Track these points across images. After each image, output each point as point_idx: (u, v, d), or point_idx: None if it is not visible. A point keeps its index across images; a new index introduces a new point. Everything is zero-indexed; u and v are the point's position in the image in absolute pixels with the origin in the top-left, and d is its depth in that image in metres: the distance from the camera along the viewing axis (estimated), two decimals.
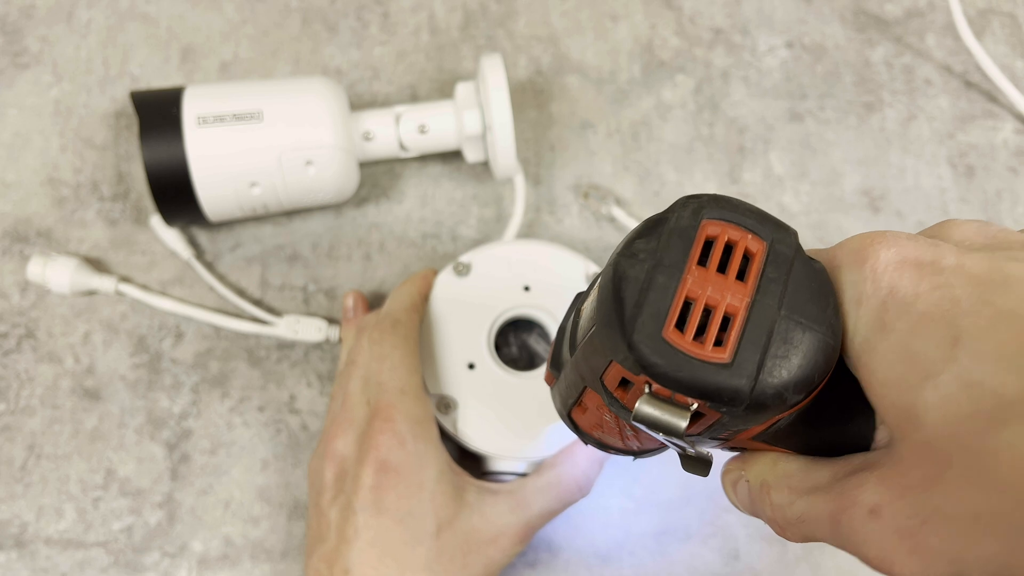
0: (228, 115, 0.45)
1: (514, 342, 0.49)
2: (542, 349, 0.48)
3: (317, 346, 0.50)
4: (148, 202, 0.53)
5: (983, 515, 0.21)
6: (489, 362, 0.44)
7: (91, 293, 0.50)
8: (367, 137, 0.49)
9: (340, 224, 0.53)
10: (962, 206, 0.53)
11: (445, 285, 0.45)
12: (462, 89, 0.49)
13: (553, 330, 0.43)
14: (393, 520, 0.36)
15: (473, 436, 0.42)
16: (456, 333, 0.44)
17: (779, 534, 0.28)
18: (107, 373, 0.49)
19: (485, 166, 0.53)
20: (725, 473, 0.31)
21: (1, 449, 0.48)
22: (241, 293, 0.51)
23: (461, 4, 0.58)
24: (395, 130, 0.49)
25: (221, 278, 0.51)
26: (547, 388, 0.35)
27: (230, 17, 0.57)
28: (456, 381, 0.43)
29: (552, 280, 0.45)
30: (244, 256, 0.52)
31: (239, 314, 0.50)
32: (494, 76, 0.46)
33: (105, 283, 0.50)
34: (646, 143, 0.55)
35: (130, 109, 0.54)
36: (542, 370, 0.43)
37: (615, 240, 0.52)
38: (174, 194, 0.46)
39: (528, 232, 0.52)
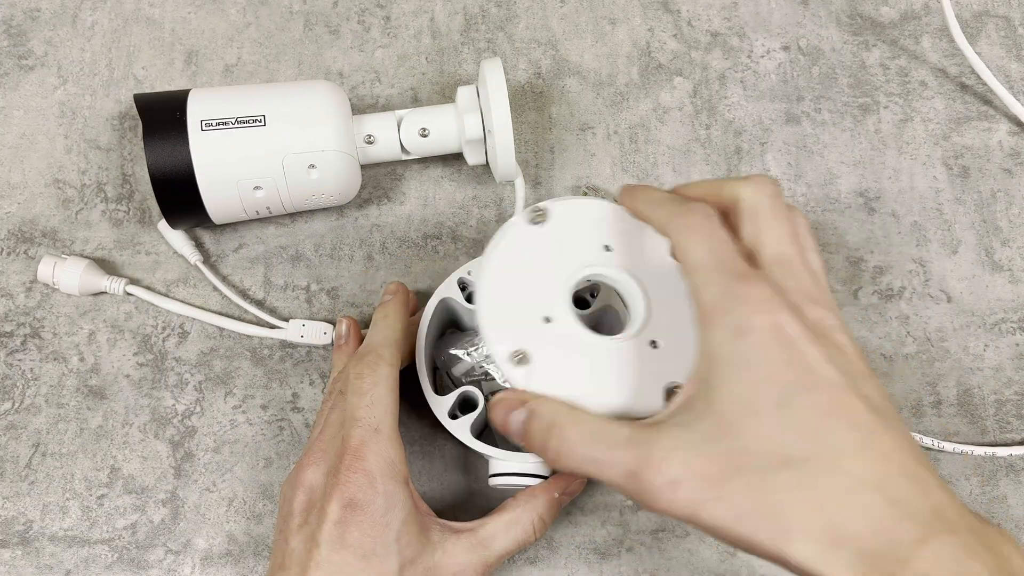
0: (231, 119, 0.46)
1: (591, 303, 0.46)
2: (616, 312, 0.45)
3: (320, 346, 0.50)
4: (152, 203, 0.53)
5: (754, 517, 0.29)
6: (568, 318, 0.39)
7: (99, 294, 0.51)
8: (369, 140, 0.49)
9: (342, 225, 0.53)
10: (957, 207, 0.54)
11: (518, 231, 0.40)
12: (463, 93, 0.50)
13: (632, 296, 0.40)
14: (355, 556, 0.36)
15: (548, 392, 0.37)
16: (531, 284, 0.39)
17: (551, 464, 0.34)
18: (112, 372, 0.50)
19: (486, 168, 0.54)
20: (499, 401, 0.36)
21: (6, 447, 0.48)
22: (244, 293, 0.52)
23: (462, 8, 0.59)
24: (396, 133, 0.50)
25: (227, 280, 0.52)
26: (626, 352, 0.38)
27: (234, 20, 0.58)
28: (531, 334, 0.38)
29: (635, 243, 0.40)
30: (247, 256, 0.52)
31: (244, 316, 0.51)
32: (494, 80, 0.47)
33: (114, 284, 0.50)
34: (644, 145, 0.55)
35: (134, 111, 0.55)
36: (624, 336, 0.39)
37: None
38: (178, 198, 0.46)
39: None
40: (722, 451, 0.30)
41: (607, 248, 0.40)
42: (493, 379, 0.45)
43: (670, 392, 0.37)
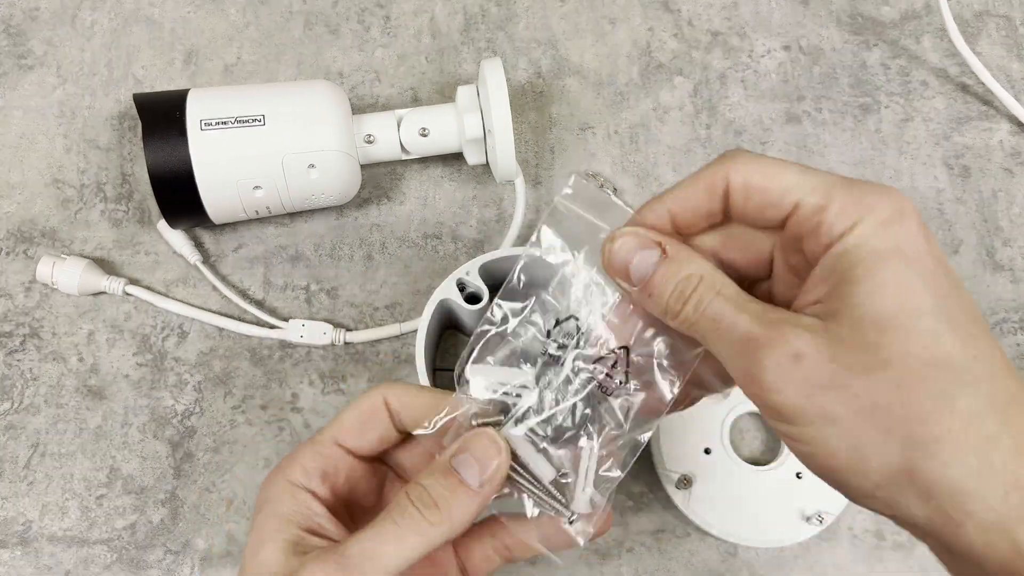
0: (231, 119, 0.46)
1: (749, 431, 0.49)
2: (769, 441, 0.49)
3: (320, 346, 0.50)
4: (152, 203, 0.53)
5: (886, 414, 0.24)
6: (724, 450, 0.46)
7: (99, 294, 0.51)
8: (369, 140, 0.49)
9: (342, 225, 0.53)
10: (958, 207, 0.54)
11: None
12: (463, 92, 0.50)
13: None
14: None
15: (704, 516, 0.45)
16: (696, 418, 0.47)
17: (666, 316, 0.29)
18: (111, 372, 0.50)
19: (486, 168, 0.54)
20: (625, 235, 0.30)
21: (5, 447, 0.48)
22: (244, 293, 0.51)
23: (462, 7, 0.59)
24: (396, 133, 0.50)
25: (226, 280, 0.52)
26: (774, 486, 0.45)
27: (233, 20, 0.58)
28: (693, 463, 0.46)
29: None
30: (247, 256, 0.52)
31: (244, 316, 0.51)
32: (494, 80, 0.47)
33: (113, 284, 0.50)
34: (644, 145, 0.55)
35: (134, 111, 0.55)
36: (775, 465, 0.46)
37: None
38: (178, 198, 0.46)
39: (529, 233, 0.53)
40: (861, 346, 0.25)
41: None
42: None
43: (814, 517, 0.44)
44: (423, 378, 0.44)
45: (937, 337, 0.25)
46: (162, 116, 0.46)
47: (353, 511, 0.33)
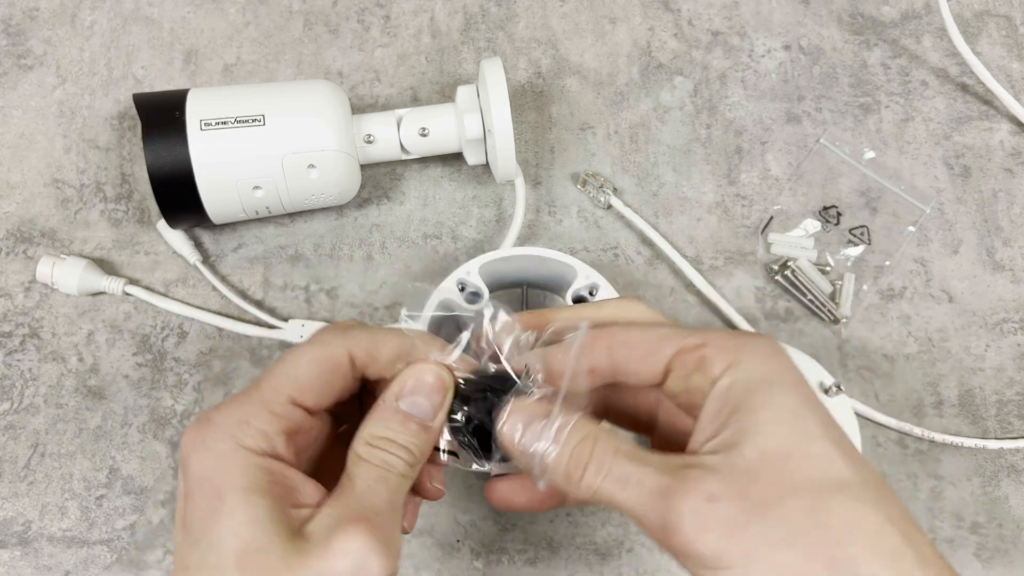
0: (231, 119, 0.46)
1: None
2: None
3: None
4: (151, 203, 0.53)
5: (806, 540, 0.25)
6: None
7: (98, 294, 0.51)
8: (369, 140, 0.49)
9: (342, 225, 0.53)
10: (958, 207, 0.54)
11: None
12: (463, 92, 0.50)
13: None
14: None
15: None
16: None
17: (568, 484, 0.28)
18: (111, 372, 0.50)
19: (485, 168, 0.54)
20: (517, 410, 0.29)
21: (5, 448, 0.48)
22: (243, 293, 0.51)
23: (462, 7, 0.58)
24: (396, 133, 0.50)
25: (226, 280, 0.52)
26: None
27: (233, 20, 0.58)
28: None
29: None
30: (247, 256, 0.52)
31: (243, 316, 0.51)
32: (494, 80, 0.47)
33: (113, 284, 0.50)
34: (644, 145, 0.55)
35: (133, 111, 0.55)
36: None
37: (613, 240, 0.53)
38: (178, 198, 0.46)
39: (529, 233, 0.53)
40: (768, 477, 0.26)
41: None
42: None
43: None
44: None
45: (832, 461, 0.26)
46: (162, 116, 0.46)
47: (314, 470, 0.30)
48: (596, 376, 0.30)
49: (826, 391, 0.46)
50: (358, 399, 0.33)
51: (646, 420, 0.33)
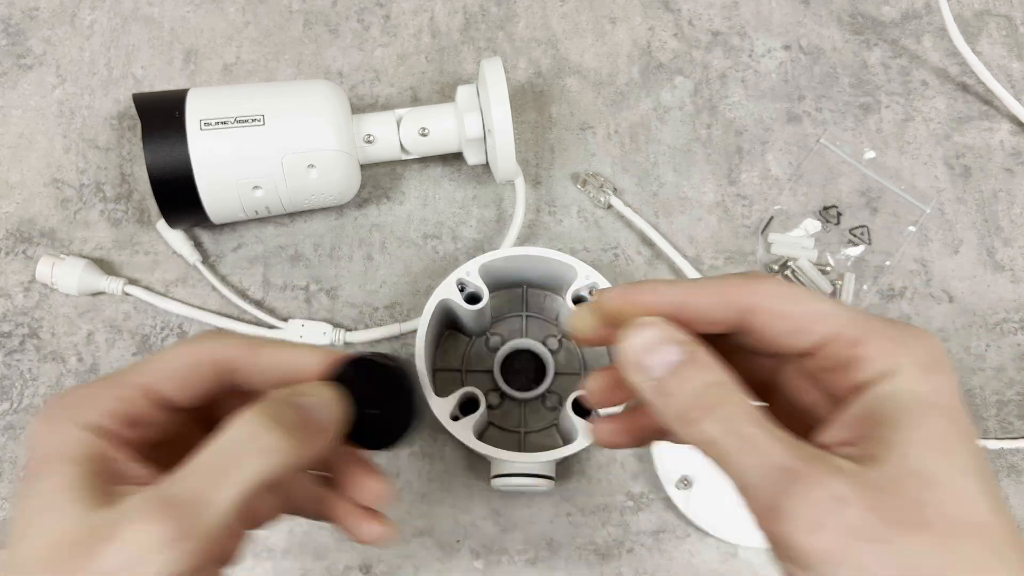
0: (230, 119, 0.46)
1: None
2: None
3: (320, 345, 0.50)
4: (151, 203, 0.53)
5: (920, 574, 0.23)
6: None
7: (98, 294, 0.51)
8: (368, 140, 0.49)
9: (342, 224, 0.53)
10: (958, 206, 0.54)
11: None
12: (463, 92, 0.50)
13: None
14: None
15: (705, 518, 0.45)
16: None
17: (677, 421, 0.26)
18: (110, 372, 0.49)
19: (485, 168, 0.54)
20: (642, 325, 0.27)
21: (4, 448, 0.48)
22: (243, 293, 0.51)
23: (462, 7, 0.58)
24: (396, 133, 0.49)
25: (226, 280, 0.52)
26: None
27: (233, 19, 0.58)
28: (693, 461, 0.45)
29: None
30: (247, 256, 0.52)
31: (243, 316, 0.51)
32: (494, 79, 0.47)
33: (112, 284, 0.50)
34: (645, 145, 0.55)
35: (133, 110, 0.55)
36: None
37: (613, 240, 0.53)
38: (177, 197, 0.46)
39: (529, 233, 0.53)
40: (903, 501, 0.24)
41: None
42: None
43: None
44: (423, 377, 0.44)
45: (977, 502, 0.24)
46: (161, 116, 0.46)
47: (171, 461, 0.27)
48: (713, 325, 0.28)
49: None
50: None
51: (759, 381, 0.30)
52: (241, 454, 0.26)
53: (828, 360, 0.27)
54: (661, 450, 0.46)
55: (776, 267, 0.51)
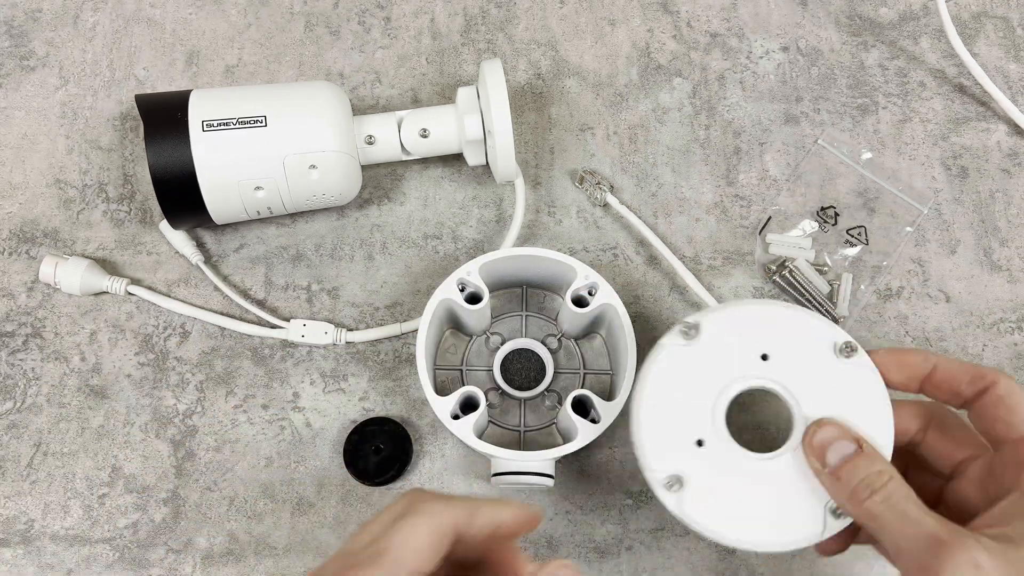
0: (233, 120, 0.46)
1: (748, 417, 0.46)
2: (775, 427, 0.46)
3: (321, 345, 0.50)
4: (154, 203, 0.53)
5: None
6: (720, 440, 0.38)
7: (101, 294, 0.51)
8: (369, 141, 0.49)
9: (343, 225, 0.53)
10: (956, 207, 0.54)
11: (671, 349, 0.40)
12: (463, 94, 0.50)
13: (795, 406, 0.39)
14: None
15: (701, 520, 0.38)
16: (683, 405, 0.39)
17: (848, 501, 0.35)
18: (113, 372, 0.50)
19: (486, 168, 0.54)
20: (824, 425, 0.36)
21: (8, 447, 0.48)
22: (245, 293, 0.52)
23: (462, 9, 0.59)
24: (397, 134, 0.50)
25: (228, 280, 0.52)
26: (784, 471, 0.38)
27: (234, 21, 0.58)
28: (683, 458, 0.39)
29: (795, 349, 0.39)
30: (248, 256, 0.52)
31: (245, 316, 0.51)
32: (494, 81, 0.47)
33: (115, 284, 0.50)
34: (644, 145, 0.55)
35: (136, 111, 0.55)
36: (783, 451, 0.38)
37: (613, 240, 0.53)
38: (180, 198, 0.46)
39: (528, 233, 0.53)
40: None
41: (764, 357, 0.39)
42: None
43: (834, 513, 0.37)
44: (423, 377, 0.44)
45: None
46: (164, 117, 0.46)
47: None
48: (957, 398, 0.38)
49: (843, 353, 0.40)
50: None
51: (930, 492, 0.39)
52: None
53: (981, 475, 0.36)
54: (643, 445, 0.39)
55: (774, 267, 0.52)
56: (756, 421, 0.48)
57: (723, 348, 0.39)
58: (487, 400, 0.45)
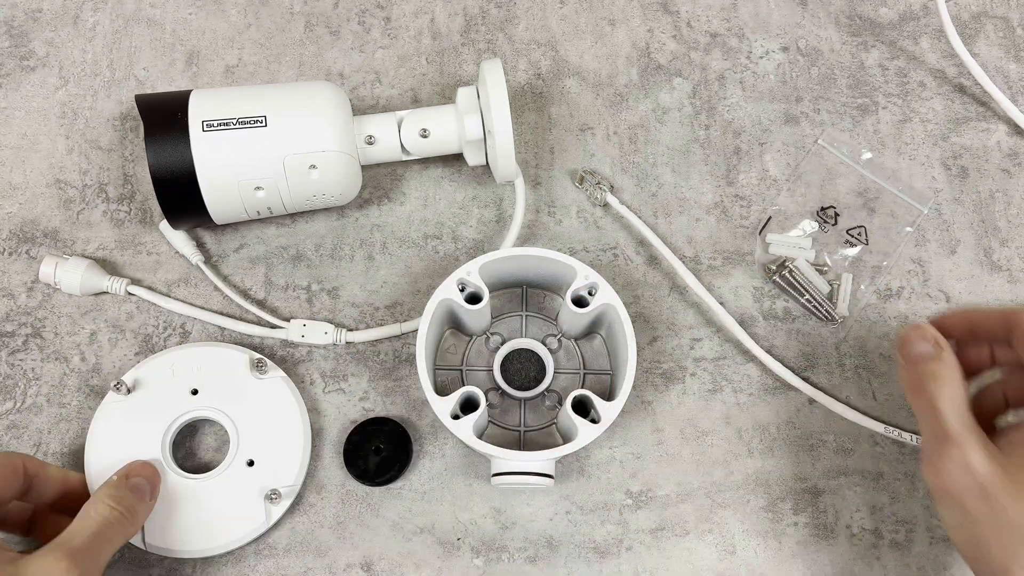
0: (233, 120, 0.46)
1: (193, 445, 0.48)
2: (213, 449, 0.48)
3: (321, 345, 0.50)
4: (154, 203, 0.53)
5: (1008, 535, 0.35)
6: (166, 471, 0.46)
7: (101, 294, 0.51)
8: (369, 141, 0.49)
9: (343, 225, 0.53)
10: (956, 207, 0.54)
11: (110, 407, 0.47)
12: (463, 94, 0.50)
13: (228, 423, 0.47)
14: None
15: (162, 542, 0.45)
16: (131, 451, 0.46)
17: (909, 395, 0.40)
18: (113, 372, 0.50)
19: (486, 168, 0.54)
20: (917, 328, 0.40)
21: (8, 447, 0.48)
22: (245, 293, 0.52)
23: (462, 9, 0.59)
24: (397, 134, 0.50)
25: (228, 280, 0.52)
26: (223, 488, 0.46)
27: (234, 21, 0.58)
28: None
29: (217, 378, 0.48)
30: (249, 257, 0.53)
31: (245, 316, 0.51)
32: (494, 81, 0.47)
33: (115, 284, 0.50)
34: (644, 145, 0.55)
35: (136, 112, 0.55)
36: (217, 471, 0.46)
37: (613, 240, 0.53)
38: (180, 198, 0.46)
39: (528, 233, 0.53)
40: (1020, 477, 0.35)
41: (194, 392, 0.48)
42: None
43: (269, 496, 0.45)
44: (424, 377, 0.44)
45: None
46: (164, 117, 0.46)
47: None
48: (991, 336, 0.42)
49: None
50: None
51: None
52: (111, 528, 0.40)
53: None
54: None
55: (774, 267, 0.52)
56: (217, 443, 0.49)
57: (159, 392, 0.48)
58: (487, 400, 0.45)
